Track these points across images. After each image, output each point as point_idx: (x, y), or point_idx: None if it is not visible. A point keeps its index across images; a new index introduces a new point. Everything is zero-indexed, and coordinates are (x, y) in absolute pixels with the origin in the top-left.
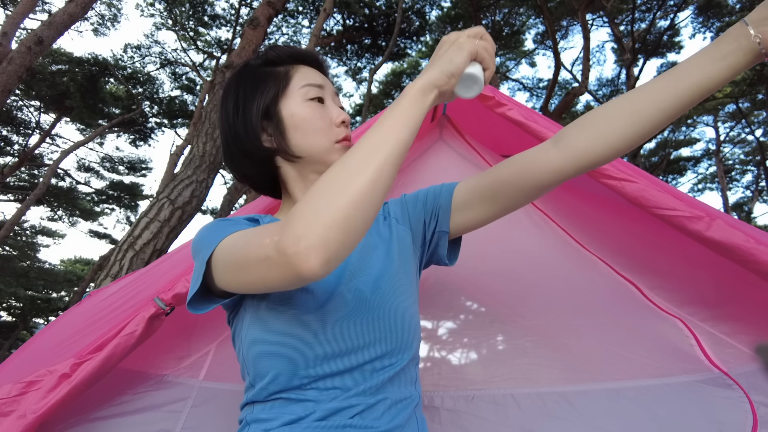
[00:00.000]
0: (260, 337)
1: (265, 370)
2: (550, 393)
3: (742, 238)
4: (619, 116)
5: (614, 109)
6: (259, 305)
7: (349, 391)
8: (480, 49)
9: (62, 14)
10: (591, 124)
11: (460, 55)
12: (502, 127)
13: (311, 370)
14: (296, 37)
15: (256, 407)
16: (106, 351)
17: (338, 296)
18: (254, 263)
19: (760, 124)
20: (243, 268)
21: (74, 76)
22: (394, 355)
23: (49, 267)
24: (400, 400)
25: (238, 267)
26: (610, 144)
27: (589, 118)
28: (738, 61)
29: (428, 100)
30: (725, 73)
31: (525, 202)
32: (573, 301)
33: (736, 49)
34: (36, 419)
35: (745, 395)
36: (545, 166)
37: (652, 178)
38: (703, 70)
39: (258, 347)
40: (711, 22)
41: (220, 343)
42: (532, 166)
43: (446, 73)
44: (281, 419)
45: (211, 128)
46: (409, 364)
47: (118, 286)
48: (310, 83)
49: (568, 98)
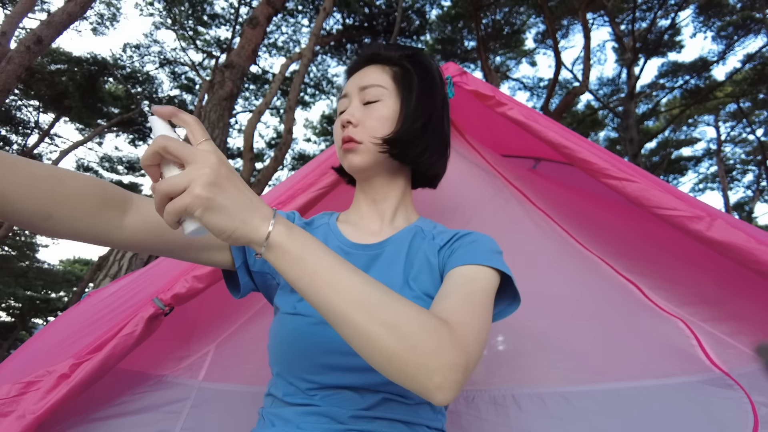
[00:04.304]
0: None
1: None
2: (551, 393)
3: (743, 238)
4: None
5: None
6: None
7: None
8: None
9: (61, 13)
10: None
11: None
12: (502, 126)
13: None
14: (296, 36)
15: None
16: (105, 351)
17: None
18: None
19: (761, 123)
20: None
21: (73, 76)
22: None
23: (48, 267)
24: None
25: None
26: None
27: None
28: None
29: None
30: None
31: None
32: (573, 301)
33: None
34: (35, 419)
35: (746, 395)
36: None
37: (653, 178)
38: None
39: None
40: (712, 21)
41: (220, 343)
42: None
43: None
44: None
45: (210, 128)
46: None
47: (117, 287)
48: (340, 97)
49: (568, 98)
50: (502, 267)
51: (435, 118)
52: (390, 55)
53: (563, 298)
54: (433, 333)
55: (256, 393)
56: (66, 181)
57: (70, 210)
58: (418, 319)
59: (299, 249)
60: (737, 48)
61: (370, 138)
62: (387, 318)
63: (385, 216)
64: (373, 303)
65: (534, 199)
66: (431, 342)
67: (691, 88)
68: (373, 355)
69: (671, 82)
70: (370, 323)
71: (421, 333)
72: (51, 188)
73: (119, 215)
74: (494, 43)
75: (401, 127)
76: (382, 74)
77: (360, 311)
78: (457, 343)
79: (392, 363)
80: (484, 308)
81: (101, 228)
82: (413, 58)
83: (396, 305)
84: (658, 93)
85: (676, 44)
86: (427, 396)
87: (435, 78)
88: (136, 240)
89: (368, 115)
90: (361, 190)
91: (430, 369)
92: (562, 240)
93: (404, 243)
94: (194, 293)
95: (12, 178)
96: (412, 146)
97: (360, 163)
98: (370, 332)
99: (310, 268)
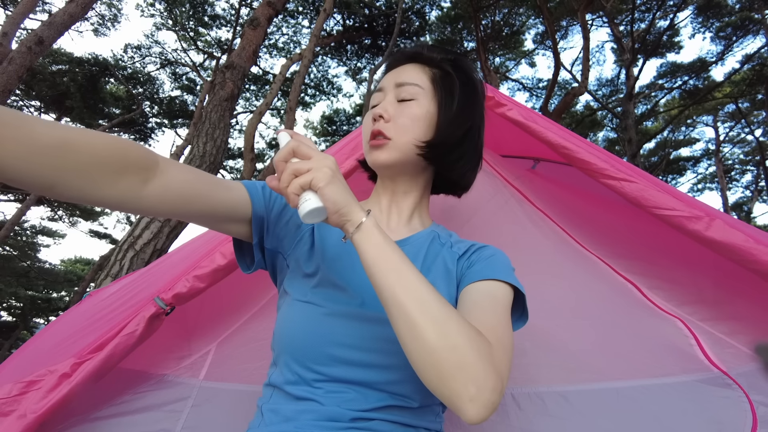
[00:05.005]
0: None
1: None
2: (550, 393)
3: (741, 238)
4: None
5: None
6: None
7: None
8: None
9: (62, 14)
10: None
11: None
12: (501, 127)
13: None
14: (296, 37)
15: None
16: (106, 351)
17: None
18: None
19: (759, 124)
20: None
21: (74, 77)
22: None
23: (49, 267)
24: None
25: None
26: None
27: None
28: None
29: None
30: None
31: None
32: (573, 301)
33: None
34: (36, 419)
35: (745, 395)
36: None
37: (652, 178)
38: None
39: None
40: (711, 22)
41: (221, 342)
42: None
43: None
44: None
45: (211, 128)
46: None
47: (118, 286)
48: (375, 90)
49: (567, 98)
50: (517, 284)
51: (475, 127)
52: (432, 56)
53: (562, 298)
54: (476, 343)
55: (258, 392)
56: (78, 148)
57: (79, 179)
58: (464, 325)
59: (382, 237)
60: (736, 49)
61: (401, 136)
62: (436, 315)
63: (403, 214)
64: (426, 298)
65: (533, 200)
66: (473, 350)
67: (689, 88)
68: (415, 347)
69: (670, 83)
70: (421, 315)
71: (465, 338)
72: (58, 160)
73: (139, 183)
74: (493, 44)
75: (443, 131)
76: (420, 74)
77: (415, 301)
78: (495, 364)
79: (432, 357)
80: (509, 325)
81: (115, 197)
82: (455, 63)
83: (447, 308)
84: (657, 93)
85: (674, 45)
86: (458, 405)
87: (477, 85)
88: (156, 209)
89: (401, 112)
90: (382, 185)
91: (467, 375)
92: (561, 240)
93: (422, 247)
94: (195, 293)
95: (12, 148)
96: (451, 153)
97: (386, 160)
98: (420, 323)
99: (387, 255)
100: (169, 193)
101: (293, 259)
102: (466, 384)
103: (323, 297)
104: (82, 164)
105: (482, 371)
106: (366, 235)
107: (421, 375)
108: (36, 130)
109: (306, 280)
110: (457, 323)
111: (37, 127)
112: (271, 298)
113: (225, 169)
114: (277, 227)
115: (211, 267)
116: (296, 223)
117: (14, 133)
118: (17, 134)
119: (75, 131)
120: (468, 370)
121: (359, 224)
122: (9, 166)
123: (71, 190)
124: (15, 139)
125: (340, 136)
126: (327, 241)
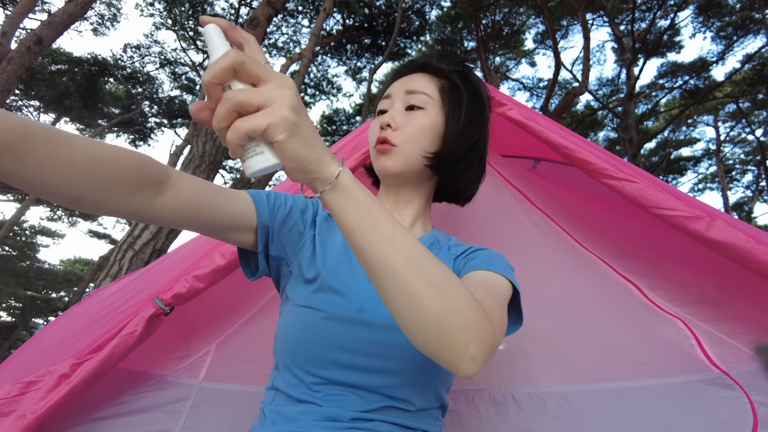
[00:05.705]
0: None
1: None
2: (550, 393)
3: (742, 238)
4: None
5: None
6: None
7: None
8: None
9: (62, 14)
10: None
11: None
12: (502, 127)
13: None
14: (296, 36)
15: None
16: (105, 351)
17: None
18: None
19: (760, 123)
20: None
21: (74, 76)
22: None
23: (48, 267)
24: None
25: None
26: None
27: None
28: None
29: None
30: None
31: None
32: (573, 301)
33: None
34: (36, 419)
35: (746, 395)
36: None
37: (652, 178)
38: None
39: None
40: (711, 22)
41: (221, 343)
42: None
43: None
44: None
45: (210, 128)
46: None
47: (117, 286)
48: (383, 97)
49: (568, 98)
50: (515, 282)
51: (481, 139)
52: (441, 67)
53: (562, 298)
54: (473, 303)
55: (257, 393)
56: (107, 164)
57: (104, 193)
58: (461, 287)
59: (364, 195)
60: (736, 48)
61: (407, 144)
62: (435, 280)
63: (405, 222)
64: (423, 263)
65: (534, 200)
66: (471, 311)
67: (690, 88)
68: (415, 316)
69: (670, 83)
70: (420, 283)
71: (465, 300)
72: (88, 175)
73: (153, 196)
74: (494, 44)
75: (450, 143)
76: (429, 84)
77: (412, 268)
78: (489, 320)
79: (434, 324)
80: (504, 307)
81: (131, 208)
82: (463, 75)
83: (443, 270)
84: (658, 93)
85: (675, 44)
86: (458, 365)
87: (483, 98)
88: (166, 220)
89: (409, 121)
90: (385, 191)
91: (468, 336)
92: (561, 240)
93: None
94: (195, 293)
95: (48, 165)
96: (458, 164)
97: (392, 167)
98: (420, 291)
99: (373, 217)
100: (180, 204)
101: (296, 264)
102: (467, 345)
103: (323, 302)
104: (108, 180)
105: (481, 330)
106: (341, 196)
107: (417, 342)
108: (71, 148)
109: (307, 286)
110: (456, 286)
111: (72, 144)
112: (271, 298)
113: (224, 169)
114: (281, 234)
115: (211, 267)
116: (299, 230)
117: (50, 150)
118: (53, 151)
119: (104, 147)
120: (470, 332)
121: (333, 179)
122: (43, 181)
123: (97, 202)
124: (50, 156)
125: (340, 135)
126: (328, 248)
